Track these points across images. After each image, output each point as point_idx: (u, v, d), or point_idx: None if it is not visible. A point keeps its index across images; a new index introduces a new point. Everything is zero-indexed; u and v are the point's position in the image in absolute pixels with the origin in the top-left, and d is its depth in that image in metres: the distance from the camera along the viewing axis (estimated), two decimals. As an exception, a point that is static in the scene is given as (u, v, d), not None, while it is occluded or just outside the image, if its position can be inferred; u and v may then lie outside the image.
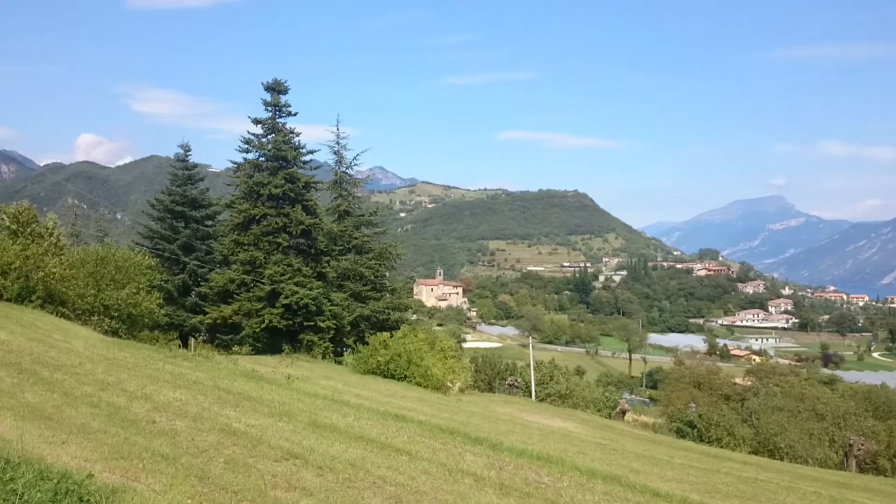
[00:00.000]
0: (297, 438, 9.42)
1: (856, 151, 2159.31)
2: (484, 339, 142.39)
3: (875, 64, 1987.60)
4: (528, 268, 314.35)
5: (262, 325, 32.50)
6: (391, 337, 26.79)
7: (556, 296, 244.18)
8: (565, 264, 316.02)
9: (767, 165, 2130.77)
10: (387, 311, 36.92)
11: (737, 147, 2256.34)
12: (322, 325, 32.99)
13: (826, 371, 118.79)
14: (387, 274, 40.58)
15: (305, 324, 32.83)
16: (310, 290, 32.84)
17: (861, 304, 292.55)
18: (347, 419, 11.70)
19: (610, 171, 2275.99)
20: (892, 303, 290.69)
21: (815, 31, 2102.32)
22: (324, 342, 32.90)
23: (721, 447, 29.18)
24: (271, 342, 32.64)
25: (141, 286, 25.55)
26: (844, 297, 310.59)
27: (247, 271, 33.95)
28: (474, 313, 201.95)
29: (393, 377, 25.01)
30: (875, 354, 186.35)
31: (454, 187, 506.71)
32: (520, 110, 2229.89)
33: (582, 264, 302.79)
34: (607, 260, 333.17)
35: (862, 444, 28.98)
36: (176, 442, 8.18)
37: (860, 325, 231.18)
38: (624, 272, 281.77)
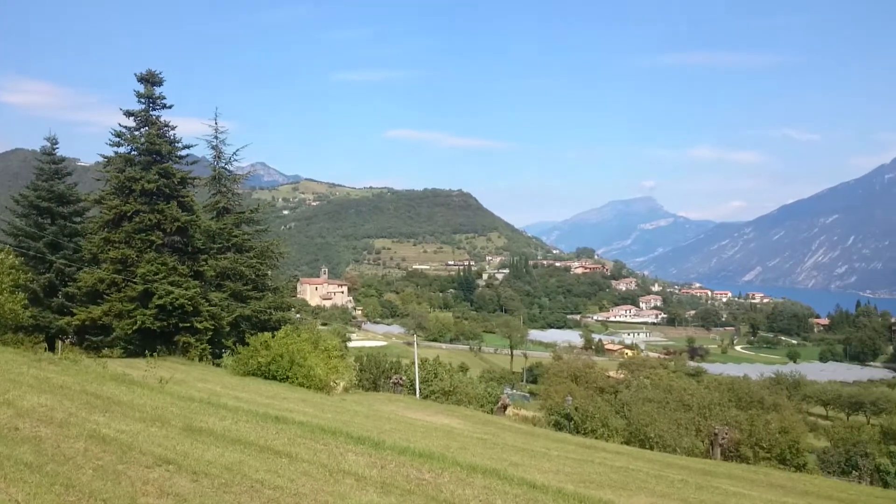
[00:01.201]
0: (170, 444, 9.08)
1: (721, 155, 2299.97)
2: (369, 338, 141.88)
3: (741, 73, 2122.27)
4: (414, 266, 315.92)
5: (135, 327, 31.02)
6: (273, 337, 26.22)
7: (441, 294, 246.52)
8: (450, 263, 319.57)
9: (640, 168, 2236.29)
10: (268, 310, 36.14)
11: (612, 150, 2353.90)
12: (199, 326, 31.86)
13: (692, 364, 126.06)
14: (269, 273, 39.69)
15: (181, 325, 31.61)
16: (186, 289, 31.63)
17: (724, 299, 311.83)
18: (225, 422, 11.39)
19: (493, 171, 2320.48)
20: (753, 298, 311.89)
21: (685, 39, 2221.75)
22: (201, 344, 31.80)
23: (596, 438, 30.35)
24: (144, 344, 31.21)
25: (4, 286, 23.90)
26: (709, 293, 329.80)
27: (118, 270, 32.31)
28: (360, 312, 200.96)
29: (274, 378, 24.51)
30: (737, 347, 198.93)
31: (339, 185, 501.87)
32: (406, 109, 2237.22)
33: (466, 263, 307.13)
34: (490, 258, 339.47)
35: (726, 433, 30.83)
36: (40, 449, 7.73)
37: (724, 319, 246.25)
38: (506, 270, 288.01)
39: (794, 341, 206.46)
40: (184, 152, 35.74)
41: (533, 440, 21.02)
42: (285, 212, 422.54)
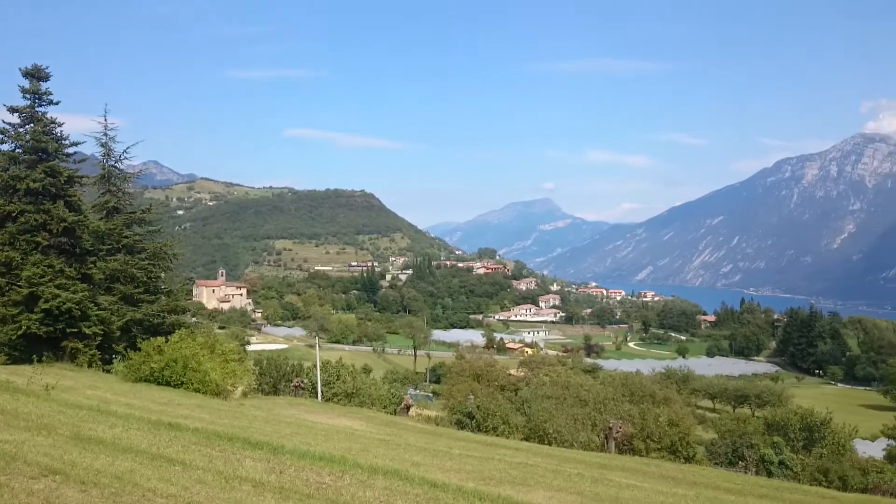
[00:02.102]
0: (57, 453, 8.68)
1: (615, 159, 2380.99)
2: (270, 341, 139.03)
3: (633, 79, 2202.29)
4: (316, 267, 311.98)
5: (19, 332, 29.27)
6: (166, 342, 25.35)
7: (343, 295, 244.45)
8: (353, 264, 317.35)
9: (539, 170, 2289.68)
10: (162, 314, 34.82)
11: (513, 152, 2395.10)
12: (88, 330, 30.38)
13: (589, 360, 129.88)
14: (162, 275, 38.20)
15: (69, 330, 30.05)
16: (73, 293, 30.11)
17: (619, 298, 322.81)
18: (115, 430, 10.96)
19: (397, 172, 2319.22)
20: (645, 297, 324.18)
21: (581, 46, 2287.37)
22: (90, 349, 30.33)
23: (497, 435, 30.83)
24: (30, 350, 29.48)
25: None
26: (604, 291, 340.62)
27: (1, 273, 30.46)
28: (260, 315, 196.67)
29: (168, 384, 23.68)
30: (631, 344, 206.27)
31: (237, 184, 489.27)
32: (307, 108, 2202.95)
33: (369, 264, 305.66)
34: (394, 259, 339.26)
35: (620, 427, 31.87)
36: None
37: (618, 317, 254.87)
38: (410, 271, 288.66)
39: (683, 337, 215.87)
40: (71, 150, 34.01)
41: (435, 439, 21.16)
42: (180, 212, 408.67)
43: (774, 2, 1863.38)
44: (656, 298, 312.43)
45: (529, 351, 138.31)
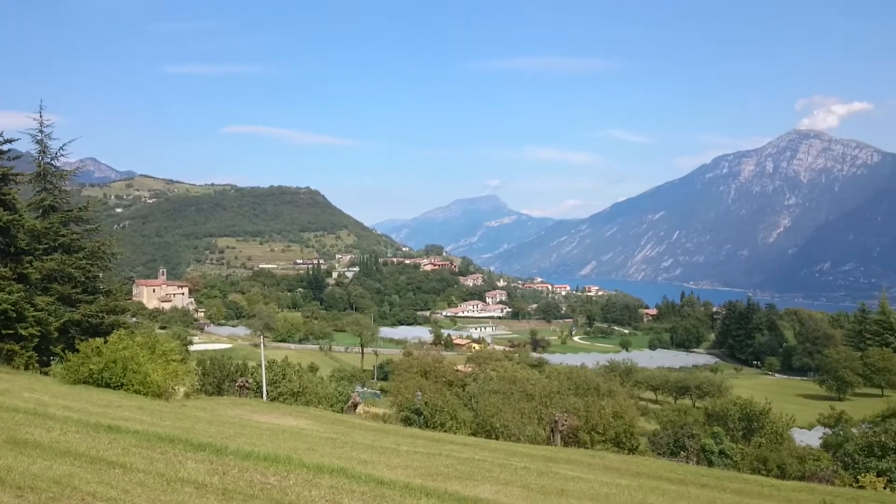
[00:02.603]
0: (-9, 459, 8.43)
1: (559, 156, 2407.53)
2: (213, 341, 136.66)
3: (575, 77, 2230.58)
4: (261, 266, 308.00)
5: (-50, 336, 28.27)
6: (105, 343, 24.74)
7: (289, 293, 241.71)
8: (298, 261, 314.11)
9: (485, 167, 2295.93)
10: (101, 314, 33.96)
11: (459, 149, 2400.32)
12: (24, 332, 29.47)
13: (535, 355, 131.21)
14: (100, 275, 37.25)
15: (4, 332, 29.11)
16: (9, 293, 29.17)
17: (564, 293, 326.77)
18: (52, 433, 10.69)
19: (342, 169, 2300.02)
20: (589, 291, 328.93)
21: (526, 45, 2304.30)
22: (27, 351, 29.43)
23: (445, 431, 30.94)
24: (-39, 354, 28.52)
25: None
26: (550, 287, 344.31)
27: (-71, 275, 29.29)
28: (202, 314, 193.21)
29: (108, 386, 23.13)
30: (576, 338, 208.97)
31: (178, 182, 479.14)
32: (250, 105, 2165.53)
33: (315, 261, 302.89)
34: (340, 257, 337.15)
35: (565, 420, 32.32)
36: None
37: (563, 312, 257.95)
38: (356, 268, 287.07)
39: (626, 331, 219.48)
40: (5, 147, 32.94)
41: (383, 437, 21.15)
42: (119, 210, 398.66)
43: (713, 2, 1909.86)
44: (600, 293, 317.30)
45: (477, 347, 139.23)
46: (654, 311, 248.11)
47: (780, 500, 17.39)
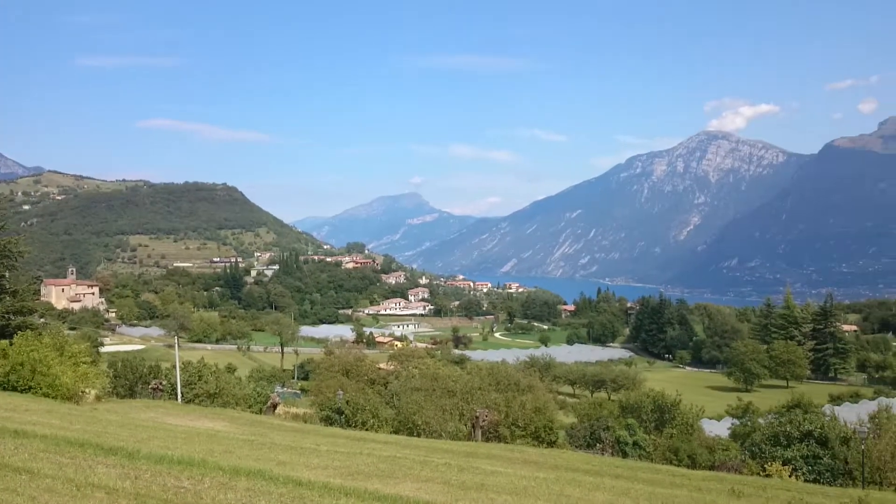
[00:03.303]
0: None
1: (479, 154, 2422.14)
2: (125, 342, 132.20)
3: (495, 76, 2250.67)
4: (175, 264, 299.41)
5: None
6: (11, 344, 23.66)
7: (205, 293, 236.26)
8: (215, 260, 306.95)
9: (407, 164, 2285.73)
10: (7, 315, 32.56)
11: (381, 146, 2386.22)
12: (-82, 336, 27.86)
13: (457, 352, 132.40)
14: (6, 274, 35.68)
15: None
16: None
17: (485, 290, 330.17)
18: (-51, 443, 10.13)
19: (261, 165, 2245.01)
20: (510, 288, 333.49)
21: (444, 43, 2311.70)
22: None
23: (366, 430, 30.86)
24: None
25: None
26: (472, 284, 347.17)
27: None
28: (114, 314, 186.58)
29: (15, 389, 22.16)
30: (497, 334, 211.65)
31: (88, 178, 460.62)
32: (165, 98, 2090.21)
33: (233, 259, 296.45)
34: (259, 255, 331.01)
35: (486, 416, 32.70)
36: None
37: (484, 308, 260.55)
38: (276, 266, 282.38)
39: (546, 326, 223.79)
40: None
41: (303, 437, 20.93)
42: (26, 207, 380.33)
43: (631, 5, 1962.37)
44: (520, 290, 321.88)
45: (399, 344, 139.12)
46: (571, 308, 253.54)
47: (690, 489, 18.02)
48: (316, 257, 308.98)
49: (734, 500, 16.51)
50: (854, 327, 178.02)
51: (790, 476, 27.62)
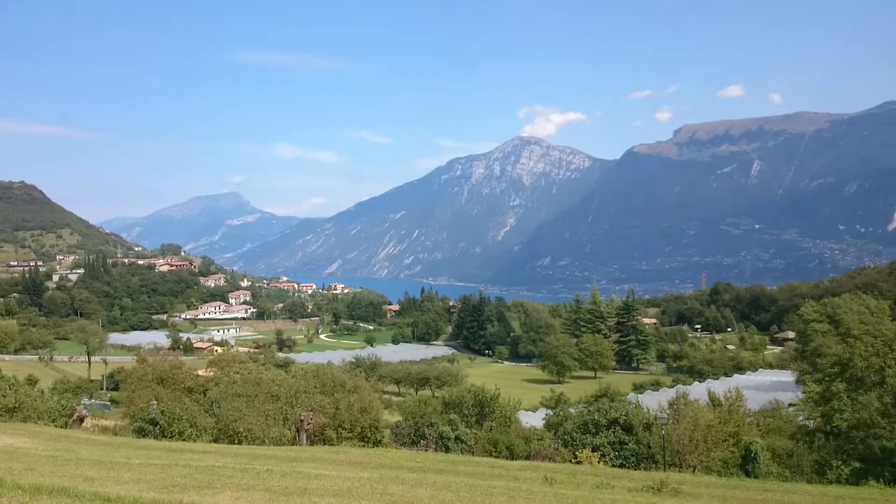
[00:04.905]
0: None
1: (303, 154, 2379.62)
2: None
3: (325, 77, 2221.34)
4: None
5: None
6: None
7: (2, 299, 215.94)
8: (12, 264, 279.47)
9: (226, 163, 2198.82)
10: None
11: (197, 143, 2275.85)
12: None
13: (281, 355, 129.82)
14: None
15: None
16: None
17: (310, 291, 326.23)
18: None
19: (64, 162, 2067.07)
20: (335, 289, 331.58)
21: (266, 39, 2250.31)
22: None
23: (183, 440, 29.67)
24: None
25: None
26: (296, 286, 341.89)
27: None
28: None
29: None
30: (322, 336, 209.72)
31: None
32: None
33: (32, 263, 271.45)
34: (62, 258, 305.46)
35: (311, 419, 32.45)
36: None
37: (309, 310, 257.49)
38: (81, 270, 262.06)
39: (371, 327, 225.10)
40: None
41: (113, 451, 19.83)
42: None
43: (452, 12, 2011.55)
44: (346, 291, 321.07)
45: (219, 350, 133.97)
46: (396, 307, 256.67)
47: (508, 478, 19.02)
48: (126, 260, 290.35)
49: (547, 487, 17.55)
50: (654, 320, 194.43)
51: (599, 462, 29.73)
